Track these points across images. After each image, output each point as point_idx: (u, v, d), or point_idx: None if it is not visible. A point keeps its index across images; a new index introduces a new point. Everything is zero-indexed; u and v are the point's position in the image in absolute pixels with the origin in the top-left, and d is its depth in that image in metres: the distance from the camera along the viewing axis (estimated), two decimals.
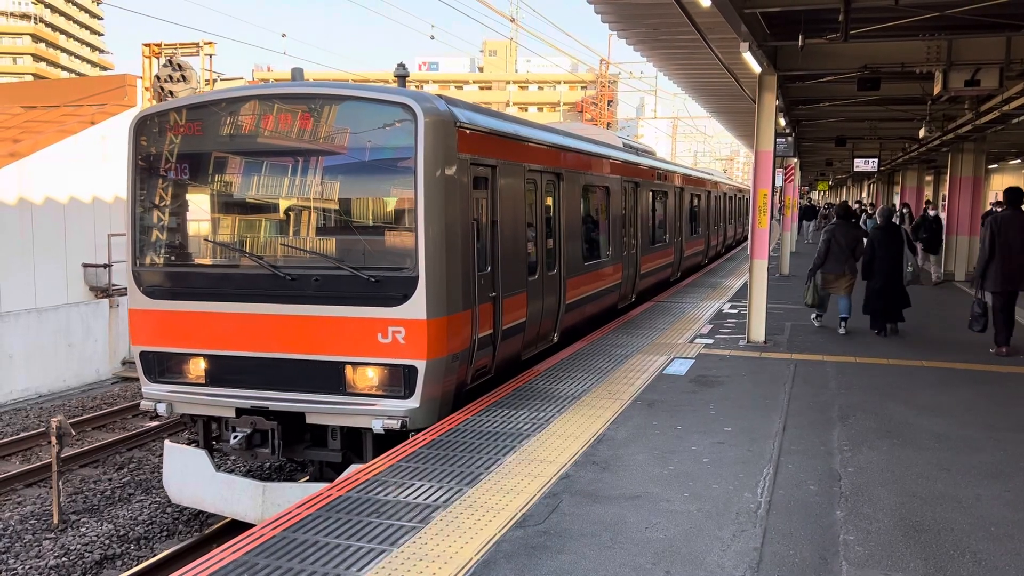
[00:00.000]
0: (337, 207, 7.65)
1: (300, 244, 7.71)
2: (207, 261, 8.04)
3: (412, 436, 6.92)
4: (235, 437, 7.44)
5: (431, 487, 5.67)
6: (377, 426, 7.13)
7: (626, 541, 4.83)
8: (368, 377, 7.30)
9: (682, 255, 19.95)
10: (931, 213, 21.58)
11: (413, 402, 7.17)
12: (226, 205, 8.00)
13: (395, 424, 7.08)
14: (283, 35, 42.00)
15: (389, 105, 7.29)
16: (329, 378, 7.33)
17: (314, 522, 5.09)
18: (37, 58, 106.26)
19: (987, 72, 11.21)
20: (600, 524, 5.07)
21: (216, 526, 8.88)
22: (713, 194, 25.84)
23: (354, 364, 7.28)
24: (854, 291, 12.20)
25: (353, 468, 6.71)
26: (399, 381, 7.19)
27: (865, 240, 12.38)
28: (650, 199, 16.41)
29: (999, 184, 36.30)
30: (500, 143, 8.67)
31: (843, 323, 12.08)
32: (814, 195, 54.84)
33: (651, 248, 16.36)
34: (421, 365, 7.13)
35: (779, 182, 24.40)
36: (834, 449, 6.61)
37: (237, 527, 7.97)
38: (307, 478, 8.54)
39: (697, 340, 11.37)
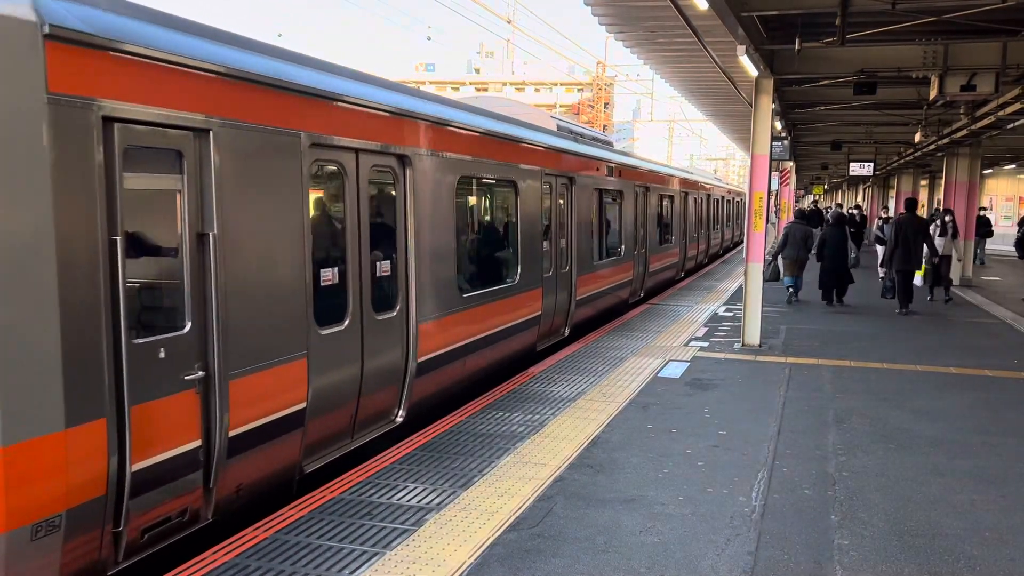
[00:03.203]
0: None
1: None
2: None
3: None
4: None
5: (424, 489, 5.64)
6: None
7: (620, 545, 4.81)
8: None
9: (646, 270, 16.68)
10: None
11: None
12: None
13: None
14: (279, 35, 41.87)
15: None
16: None
17: (306, 524, 5.06)
18: None
19: (983, 77, 11.26)
20: (594, 527, 5.05)
21: None
22: (692, 195, 22.50)
23: None
24: (805, 273, 16.15)
25: None
26: None
27: (818, 234, 16.55)
28: (595, 201, 12.99)
29: (994, 189, 36.41)
30: (213, 85, 4.77)
31: (795, 296, 15.95)
32: (810, 197, 54.96)
33: (596, 265, 12.96)
34: None
35: (775, 185, 24.44)
36: (829, 453, 6.60)
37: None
38: None
39: (692, 343, 11.37)
